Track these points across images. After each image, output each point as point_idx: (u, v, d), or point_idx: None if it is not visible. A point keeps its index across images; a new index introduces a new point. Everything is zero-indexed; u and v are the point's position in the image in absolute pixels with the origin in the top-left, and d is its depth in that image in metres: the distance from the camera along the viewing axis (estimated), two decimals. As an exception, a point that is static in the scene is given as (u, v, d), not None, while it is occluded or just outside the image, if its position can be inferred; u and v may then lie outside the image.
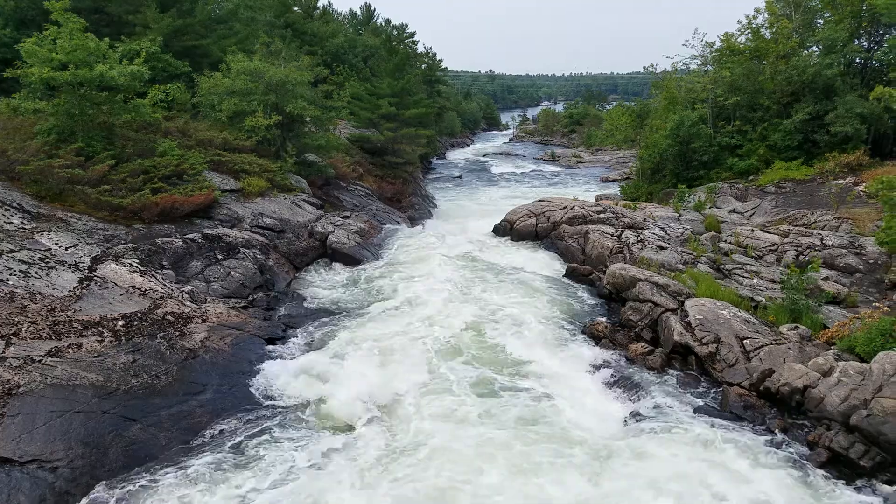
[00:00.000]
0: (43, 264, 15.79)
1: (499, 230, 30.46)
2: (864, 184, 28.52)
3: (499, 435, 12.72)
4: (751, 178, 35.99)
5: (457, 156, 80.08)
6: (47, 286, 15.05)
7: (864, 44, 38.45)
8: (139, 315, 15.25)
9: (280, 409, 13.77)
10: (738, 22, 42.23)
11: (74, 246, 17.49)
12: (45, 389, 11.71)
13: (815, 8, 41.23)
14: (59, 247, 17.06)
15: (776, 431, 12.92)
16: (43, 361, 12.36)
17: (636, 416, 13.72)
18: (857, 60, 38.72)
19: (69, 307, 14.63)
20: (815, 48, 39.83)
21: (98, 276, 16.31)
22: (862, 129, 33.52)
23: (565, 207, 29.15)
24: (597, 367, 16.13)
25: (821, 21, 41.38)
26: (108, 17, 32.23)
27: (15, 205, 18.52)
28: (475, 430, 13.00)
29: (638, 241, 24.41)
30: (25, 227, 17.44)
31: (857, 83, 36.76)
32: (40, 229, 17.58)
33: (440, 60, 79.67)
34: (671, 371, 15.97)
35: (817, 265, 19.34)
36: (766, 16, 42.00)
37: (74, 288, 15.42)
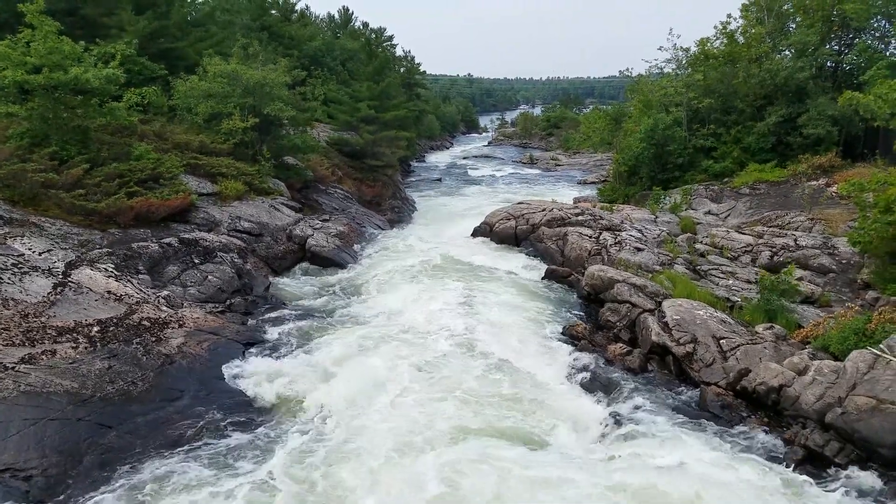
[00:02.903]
0: (16, 270, 15.53)
1: (478, 232, 30.54)
2: (836, 185, 28.91)
3: (476, 433, 12.76)
4: (726, 180, 36.34)
5: (436, 159, 79.98)
6: (21, 292, 14.83)
7: (835, 47, 38.98)
8: (115, 321, 15.07)
9: (258, 413, 13.70)
10: (714, 28, 42.68)
11: (48, 251, 17.24)
12: (19, 397, 11.55)
13: (787, 13, 41.75)
14: (33, 252, 16.81)
15: (752, 430, 13.06)
16: (16, 368, 12.19)
17: (615, 416, 13.79)
18: (829, 64, 39.31)
19: (43, 313, 14.43)
20: (787, 52, 40.34)
21: (72, 282, 16.08)
22: (834, 132, 34.04)
23: (544, 210, 29.28)
24: (576, 369, 16.14)
25: (793, 25, 41.90)
26: (82, 19, 31.80)
27: (-13, 210, 18.25)
28: (451, 424, 13.07)
29: (616, 243, 24.57)
30: (-2, 232, 17.18)
31: (828, 86, 37.25)
32: (13, 234, 17.30)
33: (419, 64, 79.69)
34: (649, 371, 16.08)
35: (792, 269, 19.63)
36: (741, 21, 42.46)
37: (48, 294, 15.20)
